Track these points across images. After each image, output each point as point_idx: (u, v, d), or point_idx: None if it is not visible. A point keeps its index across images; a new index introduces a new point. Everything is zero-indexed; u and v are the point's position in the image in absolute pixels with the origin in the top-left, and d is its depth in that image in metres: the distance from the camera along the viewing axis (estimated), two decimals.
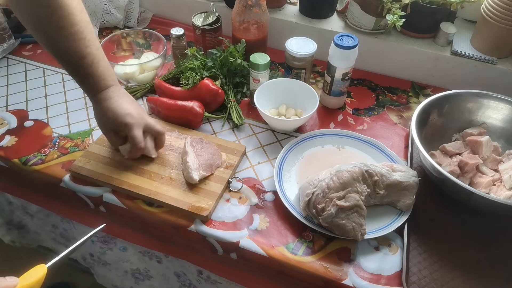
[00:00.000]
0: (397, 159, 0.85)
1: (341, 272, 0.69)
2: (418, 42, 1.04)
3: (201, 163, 0.80)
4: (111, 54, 1.06)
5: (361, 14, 1.03)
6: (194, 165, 0.78)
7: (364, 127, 0.96)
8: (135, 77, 1.01)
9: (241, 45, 0.96)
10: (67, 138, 0.91)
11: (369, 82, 1.09)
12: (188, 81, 0.94)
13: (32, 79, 1.06)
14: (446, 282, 0.68)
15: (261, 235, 0.74)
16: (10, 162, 0.87)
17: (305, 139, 0.89)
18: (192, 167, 0.78)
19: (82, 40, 0.73)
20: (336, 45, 0.88)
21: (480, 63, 0.99)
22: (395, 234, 0.75)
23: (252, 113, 0.98)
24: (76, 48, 0.72)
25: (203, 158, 0.81)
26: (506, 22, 0.91)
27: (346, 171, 0.72)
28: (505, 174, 0.78)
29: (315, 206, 0.71)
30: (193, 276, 0.96)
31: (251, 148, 0.90)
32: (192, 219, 0.76)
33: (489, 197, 0.68)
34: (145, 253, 0.98)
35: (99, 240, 1.04)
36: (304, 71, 0.95)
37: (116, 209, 0.81)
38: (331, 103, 1.00)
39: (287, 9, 1.16)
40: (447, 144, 0.86)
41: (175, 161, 0.84)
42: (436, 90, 1.04)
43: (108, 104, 0.76)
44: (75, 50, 0.73)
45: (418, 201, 0.77)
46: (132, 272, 1.10)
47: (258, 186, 0.82)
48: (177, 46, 1.04)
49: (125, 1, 1.21)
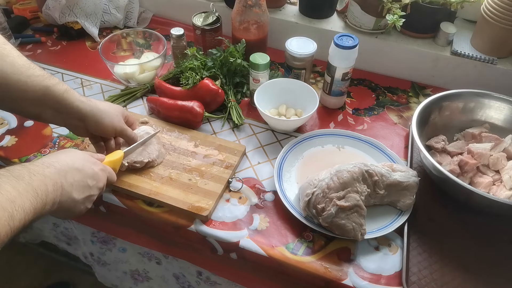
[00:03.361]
0: (397, 159, 0.85)
1: (341, 272, 0.69)
2: (418, 42, 1.04)
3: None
4: (111, 54, 1.06)
5: (361, 14, 1.03)
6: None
7: (364, 127, 0.96)
8: (135, 77, 1.01)
9: (241, 45, 0.96)
10: (67, 138, 0.91)
11: (369, 82, 1.09)
12: (188, 81, 0.94)
13: None
14: (446, 282, 0.68)
15: (261, 235, 0.74)
16: (10, 162, 0.87)
17: (305, 139, 0.89)
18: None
19: (34, 77, 0.65)
20: (336, 45, 0.88)
21: (480, 63, 0.99)
22: (395, 234, 0.75)
23: (252, 113, 0.98)
24: (35, 87, 0.65)
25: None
26: (506, 22, 0.91)
27: (346, 171, 0.72)
28: (505, 175, 0.78)
29: (315, 206, 0.71)
30: (193, 278, 0.95)
31: (251, 148, 0.90)
32: (192, 219, 0.76)
33: (489, 196, 0.68)
34: (144, 254, 0.98)
35: (99, 241, 1.04)
36: (304, 71, 0.95)
37: (116, 209, 0.81)
38: (331, 103, 1.00)
39: (287, 9, 1.16)
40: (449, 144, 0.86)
41: (175, 161, 0.84)
42: (436, 90, 1.04)
43: (104, 104, 0.75)
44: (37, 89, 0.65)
45: (418, 201, 0.77)
46: (131, 273, 1.10)
47: (258, 186, 0.82)
48: (177, 46, 1.04)
49: (125, 1, 1.21)
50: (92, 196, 0.63)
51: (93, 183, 0.63)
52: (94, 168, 0.64)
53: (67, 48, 1.17)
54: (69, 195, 0.58)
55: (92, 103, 0.73)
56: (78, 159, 0.62)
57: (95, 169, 0.64)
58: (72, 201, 0.59)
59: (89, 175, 0.62)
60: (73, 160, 0.61)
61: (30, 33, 1.22)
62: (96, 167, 0.64)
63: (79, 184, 0.60)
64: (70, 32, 1.18)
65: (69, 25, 1.17)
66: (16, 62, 0.64)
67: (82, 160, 0.63)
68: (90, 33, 1.18)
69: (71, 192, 0.59)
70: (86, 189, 0.61)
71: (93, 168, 0.64)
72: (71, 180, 0.59)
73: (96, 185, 0.64)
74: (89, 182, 0.62)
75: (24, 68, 0.64)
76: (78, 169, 0.61)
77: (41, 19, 1.25)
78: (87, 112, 0.71)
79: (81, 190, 0.60)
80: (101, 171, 0.66)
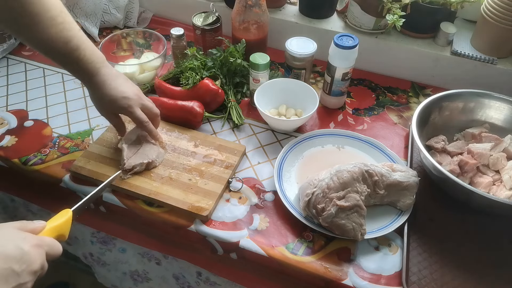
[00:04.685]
0: (397, 159, 0.85)
1: (341, 272, 0.69)
2: (418, 42, 1.04)
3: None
4: (111, 54, 1.06)
5: (361, 14, 1.03)
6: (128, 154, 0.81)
7: (364, 127, 0.96)
8: (135, 77, 1.01)
9: (241, 45, 0.96)
10: (67, 138, 0.91)
11: (369, 82, 1.09)
12: (188, 81, 0.94)
13: (32, 79, 1.06)
14: (446, 282, 0.68)
15: (261, 235, 0.74)
16: (10, 162, 0.87)
17: (305, 139, 0.89)
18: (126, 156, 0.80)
19: (61, 25, 0.68)
20: (336, 45, 0.88)
21: (480, 63, 0.99)
22: (395, 234, 0.75)
23: (252, 113, 0.98)
24: (56, 34, 0.68)
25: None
26: (506, 22, 0.91)
27: (346, 171, 0.72)
28: (505, 175, 0.78)
29: (315, 206, 0.71)
30: (192, 278, 0.95)
31: (251, 148, 0.90)
32: (192, 219, 0.76)
33: (489, 196, 0.68)
34: (144, 254, 0.98)
35: (99, 241, 1.04)
36: (304, 71, 0.95)
37: (116, 209, 0.81)
38: (331, 103, 1.00)
39: (287, 9, 1.16)
40: (449, 144, 0.86)
41: (175, 161, 0.84)
42: (436, 90, 1.04)
43: (103, 89, 0.74)
44: (57, 36, 0.68)
45: (418, 201, 0.77)
46: (131, 274, 1.10)
47: (258, 186, 0.82)
48: (177, 46, 1.04)
49: (125, 1, 1.21)
50: (24, 284, 0.49)
51: (22, 267, 0.48)
52: (24, 247, 0.49)
53: None
54: None
55: (109, 66, 0.75)
56: (0, 239, 0.49)
57: (24, 248, 0.49)
58: None
59: (14, 259, 0.48)
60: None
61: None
62: (26, 245, 0.50)
63: (1, 274, 0.47)
64: None
65: None
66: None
67: (5, 239, 0.50)
68: (90, 33, 1.18)
69: None
70: (11, 278, 0.47)
71: (22, 247, 0.49)
72: None
73: (27, 270, 0.49)
74: (16, 268, 0.48)
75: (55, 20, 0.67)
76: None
77: None
78: (104, 71, 0.74)
79: (4, 281, 0.47)
80: (34, 248, 0.51)
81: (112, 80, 0.75)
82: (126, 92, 0.76)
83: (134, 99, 0.77)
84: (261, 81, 0.93)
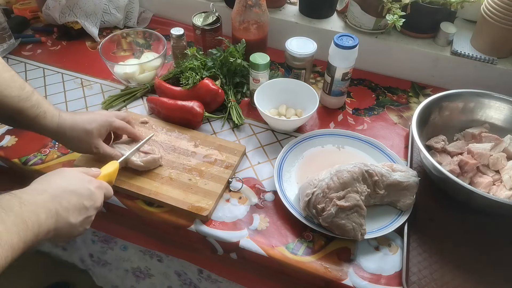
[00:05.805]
0: (397, 159, 0.85)
1: (341, 272, 0.69)
2: (418, 42, 1.04)
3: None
4: (111, 54, 1.06)
5: (361, 14, 1.03)
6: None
7: (364, 127, 0.96)
8: (135, 77, 1.01)
9: (241, 45, 0.96)
10: None
11: (369, 82, 1.09)
12: (188, 81, 0.94)
13: (32, 79, 1.06)
14: (446, 282, 0.68)
15: (261, 235, 0.74)
16: (10, 162, 0.87)
17: (305, 139, 0.89)
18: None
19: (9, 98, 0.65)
20: (336, 45, 0.88)
21: (480, 63, 0.99)
22: (395, 234, 0.75)
23: (252, 113, 0.98)
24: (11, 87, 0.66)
25: None
26: (506, 22, 0.91)
27: (346, 171, 0.72)
28: (505, 175, 0.78)
29: (315, 206, 0.71)
30: (194, 275, 0.96)
31: (251, 148, 0.90)
32: (192, 219, 0.76)
33: (489, 196, 0.68)
34: (146, 252, 0.98)
35: (100, 240, 1.04)
36: (304, 71, 0.95)
37: (116, 209, 0.81)
38: (331, 103, 1.00)
39: (287, 9, 1.16)
40: (449, 144, 0.86)
41: (175, 161, 0.84)
42: (436, 90, 1.04)
43: (75, 118, 0.73)
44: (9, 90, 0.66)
45: (418, 201, 0.77)
46: (133, 271, 1.11)
47: (258, 186, 0.82)
48: (177, 46, 1.04)
49: (125, 1, 1.21)
50: (89, 217, 0.60)
51: (90, 203, 0.60)
52: (90, 188, 0.61)
53: (67, 48, 1.17)
54: (65, 220, 0.56)
55: (62, 125, 0.71)
56: (72, 180, 0.60)
57: (91, 188, 0.61)
58: (70, 225, 0.56)
59: (86, 196, 0.59)
60: (67, 182, 0.59)
61: (30, 33, 1.22)
62: (92, 186, 0.61)
63: (76, 207, 0.57)
64: (70, 32, 1.18)
65: (69, 25, 1.18)
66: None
67: (76, 181, 0.60)
68: (90, 33, 1.18)
69: (67, 217, 0.56)
70: (83, 211, 0.59)
71: (89, 187, 0.61)
72: (67, 204, 0.56)
73: (93, 206, 0.61)
74: (86, 204, 0.59)
75: (3, 87, 0.64)
76: (73, 191, 0.58)
77: (41, 19, 1.25)
78: (58, 134, 0.72)
79: (78, 213, 0.58)
80: (98, 189, 0.62)
81: (76, 113, 0.76)
82: (93, 112, 0.77)
83: (107, 112, 0.79)
84: (261, 81, 0.93)
